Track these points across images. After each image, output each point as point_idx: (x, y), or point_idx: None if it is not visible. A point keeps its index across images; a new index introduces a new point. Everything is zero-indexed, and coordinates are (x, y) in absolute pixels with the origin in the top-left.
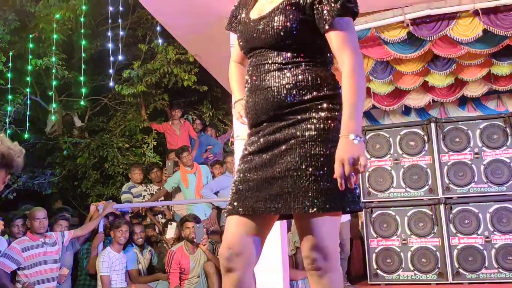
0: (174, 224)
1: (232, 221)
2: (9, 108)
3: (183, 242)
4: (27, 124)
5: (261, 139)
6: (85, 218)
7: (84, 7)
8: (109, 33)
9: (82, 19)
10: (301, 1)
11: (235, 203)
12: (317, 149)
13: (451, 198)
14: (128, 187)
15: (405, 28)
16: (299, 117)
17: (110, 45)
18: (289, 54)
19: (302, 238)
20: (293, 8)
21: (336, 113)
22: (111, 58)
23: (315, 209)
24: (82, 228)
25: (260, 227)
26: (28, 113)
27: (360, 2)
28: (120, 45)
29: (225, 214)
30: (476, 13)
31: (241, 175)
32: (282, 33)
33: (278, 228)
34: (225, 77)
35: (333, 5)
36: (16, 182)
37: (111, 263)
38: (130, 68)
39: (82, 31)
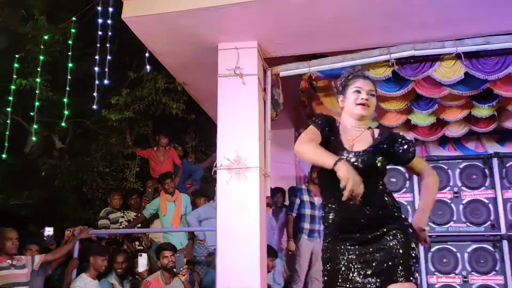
0: (145, 255)
1: None
2: None
3: (160, 272)
4: (6, 144)
5: (359, 238)
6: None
7: (73, 30)
8: (97, 57)
9: (70, 42)
10: (384, 147)
11: (342, 280)
12: (401, 240)
13: (431, 236)
14: (106, 212)
15: (390, 67)
16: (391, 226)
17: (96, 69)
18: (365, 179)
19: None
20: (377, 150)
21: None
22: (97, 82)
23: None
24: (53, 253)
25: None
26: (7, 133)
27: (348, 39)
28: (106, 69)
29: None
30: (458, 56)
31: (339, 260)
32: (365, 168)
33: (257, 265)
34: (211, 107)
35: (410, 152)
36: None
37: None
38: (118, 94)
39: (70, 53)
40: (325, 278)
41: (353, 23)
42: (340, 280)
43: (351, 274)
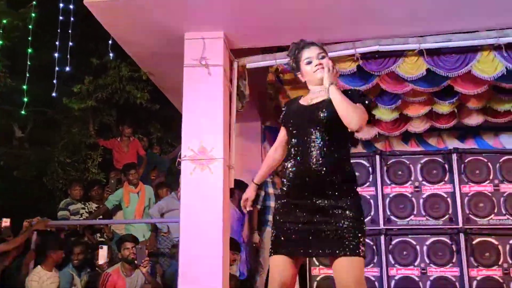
0: (105, 247)
1: (281, 259)
2: None
3: (120, 263)
4: None
5: (310, 205)
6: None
7: (33, 14)
8: (57, 43)
9: (30, 26)
10: None
11: (285, 246)
12: (351, 214)
13: (392, 229)
14: (66, 203)
15: (355, 61)
16: (344, 200)
17: (56, 55)
18: (328, 134)
19: (343, 276)
20: (329, 103)
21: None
22: (57, 68)
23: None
24: (8, 243)
25: (298, 263)
26: None
27: (314, 33)
28: (68, 56)
29: (271, 252)
30: (421, 53)
31: (288, 225)
32: (327, 118)
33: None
34: (176, 97)
35: (358, 99)
36: None
37: (41, 282)
38: (81, 82)
39: (29, 38)
40: (271, 240)
41: (319, 17)
42: (282, 247)
43: (293, 243)
